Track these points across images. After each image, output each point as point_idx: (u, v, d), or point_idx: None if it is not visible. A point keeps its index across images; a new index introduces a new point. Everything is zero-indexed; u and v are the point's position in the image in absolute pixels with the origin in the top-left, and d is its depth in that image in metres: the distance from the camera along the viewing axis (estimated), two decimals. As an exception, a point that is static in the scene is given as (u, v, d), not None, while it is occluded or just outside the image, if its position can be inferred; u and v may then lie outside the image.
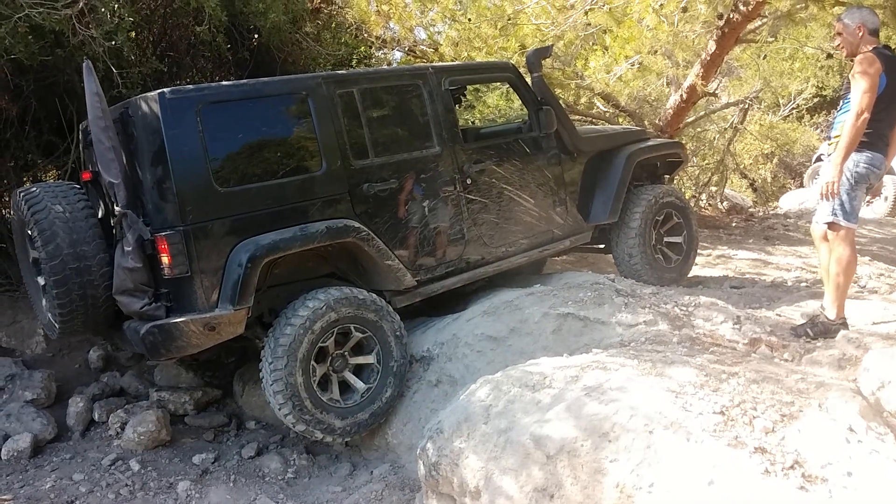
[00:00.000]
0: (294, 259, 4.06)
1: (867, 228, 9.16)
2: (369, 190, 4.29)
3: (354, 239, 4.13)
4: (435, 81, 4.72)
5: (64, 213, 3.84)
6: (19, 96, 5.53)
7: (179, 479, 4.12)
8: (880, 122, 3.87)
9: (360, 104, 4.35)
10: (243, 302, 3.74)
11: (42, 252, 3.81)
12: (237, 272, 3.73)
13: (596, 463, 2.58)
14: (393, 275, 4.33)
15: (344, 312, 3.99)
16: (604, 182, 5.46)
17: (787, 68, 13.99)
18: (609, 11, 8.28)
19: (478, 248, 4.81)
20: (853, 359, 3.36)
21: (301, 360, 3.84)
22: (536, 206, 5.13)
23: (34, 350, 5.52)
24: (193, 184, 3.75)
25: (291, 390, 3.82)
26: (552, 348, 3.97)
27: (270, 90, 4.17)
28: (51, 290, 3.86)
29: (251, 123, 4.02)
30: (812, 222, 4.15)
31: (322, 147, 4.15)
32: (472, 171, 4.77)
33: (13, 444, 4.35)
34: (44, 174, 6.95)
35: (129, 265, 3.74)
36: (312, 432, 3.94)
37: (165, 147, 3.70)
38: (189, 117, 3.76)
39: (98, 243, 3.89)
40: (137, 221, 3.75)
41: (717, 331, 4.06)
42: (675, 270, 5.70)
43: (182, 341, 3.71)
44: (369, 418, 4.10)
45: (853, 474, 2.25)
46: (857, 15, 3.97)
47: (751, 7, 8.07)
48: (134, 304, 3.79)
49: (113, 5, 4.80)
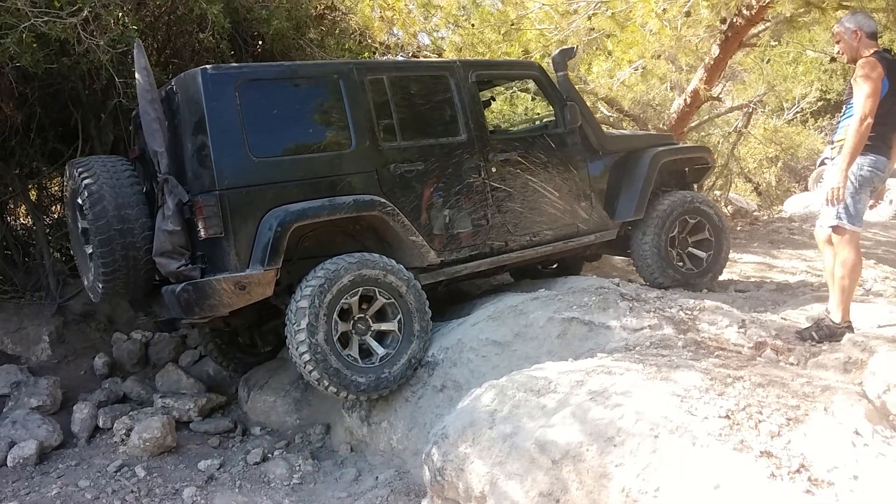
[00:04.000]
0: (322, 235, 4.31)
1: (872, 231, 9.14)
2: (396, 170, 4.49)
3: (380, 213, 4.32)
4: (462, 74, 4.91)
5: (111, 180, 4.13)
6: (24, 104, 5.56)
7: (185, 486, 4.12)
8: (884, 126, 3.87)
9: (390, 90, 4.59)
10: (273, 263, 3.96)
11: (90, 213, 4.07)
12: (268, 235, 3.97)
13: (601, 468, 2.58)
14: (417, 251, 4.49)
15: (363, 275, 4.14)
16: (629, 181, 5.54)
17: (790, 72, 13.97)
18: (612, 16, 8.29)
19: (502, 235, 4.94)
20: (859, 362, 3.34)
21: (322, 317, 4.00)
22: (561, 199, 5.24)
23: (39, 357, 5.54)
24: (230, 152, 4.02)
25: (313, 347, 3.96)
26: (557, 353, 3.97)
27: (304, 72, 4.52)
28: (96, 250, 4.12)
29: (286, 101, 4.29)
30: (816, 226, 4.14)
31: (352, 127, 4.40)
32: (497, 161, 4.92)
33: (19, 450, 4.37)
34: (49, 182, 6.99)
35: (168, 228, 4.01)
36: (332, 387, 4.05)
37: (206, 117, 4.00)
38: (228, 91, 4.06)
39: (141, 209, 4.15)
40: (178, 186, 4.03)
41: (722, 335, 4.05)
42: (701, 276, 5.69)
43: (214, 299, 3.93)
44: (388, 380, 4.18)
45: (859, 478, 2.24)
46: (852, 20, 3.98)
47: (754, 11, 8.08)
48: (171, 265, 4.03)
49: (117, 13, 4.83)
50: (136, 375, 5.59)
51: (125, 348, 5.79)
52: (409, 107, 4.76)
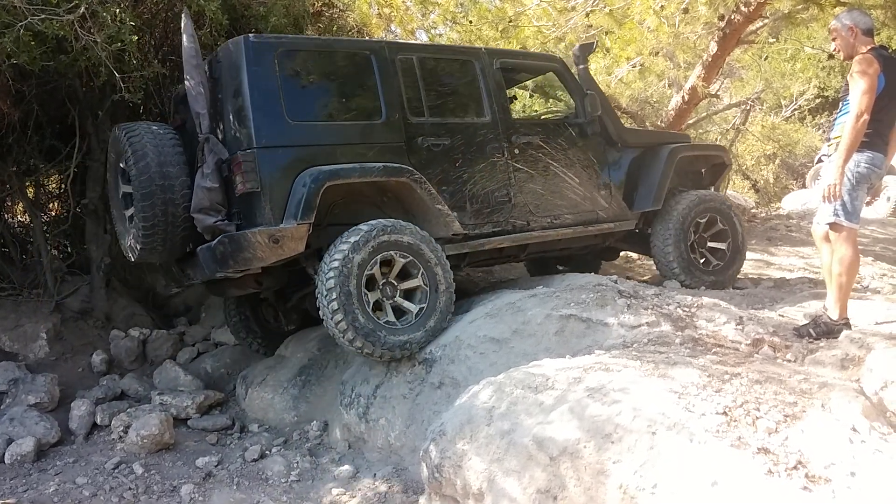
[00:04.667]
0: (351, 204, 4.53)
1: (870, 229, 9.15)
2: (423, 143, 4.73)
3: (408, 179, 4.52)
4: (487, 60, 5.20)
5: (154, 139, 4.42)
6: (22, 101, 5.55)
7: (183, 483, 4.12)
8: (880, 122, 3.87)
9: (418, 69, 4.86)
10: (305, 217, 4.15)
11: (133, 169, 4.31)
12: (302, 191, 4.17)
13: (599, 464, 2.58)
14: (443, 219, 4.66)
15: (391, 238, 4.31)
16: (648, 173, 5.77)
17: (788, 69, 13.98)
18: (610, 13, 8.30)
19: (524, 214, 5.13)
20: (856, 359, 3.35)
21: (354, 276, 4.13)
22: (581, 185, 5.44)
23: (37, 354, 5.54)
24: (268, 113, 4.26)
25: (347, 307, 4.09)
26: (555, 350, 3.97)
27: (339, 46, 4.92)
28: (138, 205, 4.34)
29: (321, 71, 4.62)
30: (814, 223, 4.15)
31: (382, 100, 4.65)
32: (520, 143, 5.15)
33: (16, 447, 4.36)
34: (46, 179, 6.98)
35: (207, 185, 4.24)
36: (371, 349, 4.17)
37: (246, 80, 4.25)
38: (268, 58, 4.33)
39: (181, 168, 4.40)
40: (218, 143, 4.29)
41: (719, 331, 4.05)
42: (718, 274, 5.80)
43: (249, 252, 4.10)
44: (412, 342, 4.30)
45: (856, 474, 2.25)
46: (849, 17, 4.00)
47: (752, 8, 8.08)
48: (208, 220, 4.25)
49: (114, 10, 4.81)
50: (133, 372, 5.59)
51: (123, 345, 5.79)
52: (437, 86, 5.02)
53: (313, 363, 5.12)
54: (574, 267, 6.50)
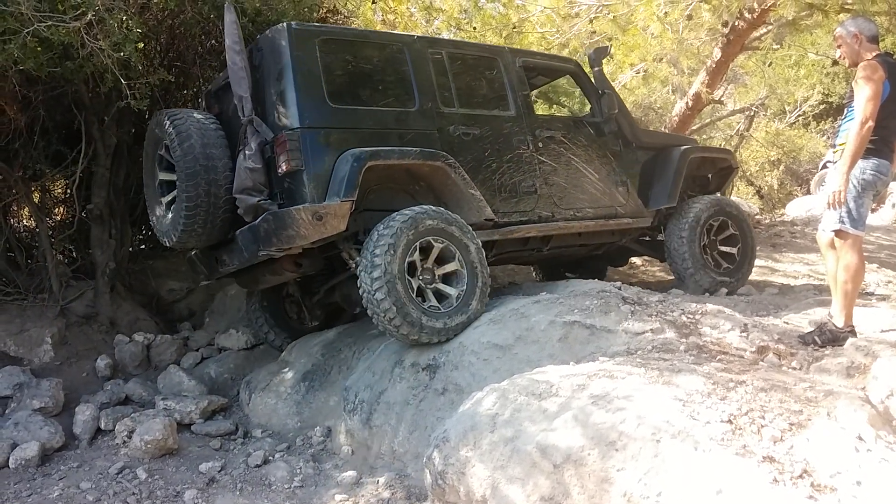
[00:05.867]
0: (385, 190, 4.66)
1: (875, 236, 9.12)
2: (454, 132, 4.94)
3: (443, 163, 4.69)
4: (510, 59, 5.49)
5: (198, 123, 4.60)
6: (28, 107, 5.57)
7: (186, 488, 4.12)
8: (885, 129, 3.86)
9: (448, 63, 5.11)
10: (348, 195, 4.26)
11: (178, 150, 4.46)
12: (345, 170, 4.30)
13: (603, 472, 2.57)
14: (476, 205, 4.81)
15: (432, 223, 4.42)
16: (662, 173, 6.00)
17: (792, 75, 13.97)
18: (614, 19, 8.31)
19: (548, 205, 5.34)
20: (862, 367, 3.34)
21: (398, 263, 4.21)
22: (600, 181, 5.68)
23: (42, 359, 5.54)
24: (310, 95, 4.44)
25: (393, 294, 4.15)
26: (558, 356, 3.96)
27: (375, 38, 5.15)
28: (181, 185, 4.48)
29: (359, 60, 4.80)
30: (819, 230, 4.14)
31: (416, 89, 4.89)
32: (543, 136, 5.40)
33: (21, 452, 4.36)
34: (52, 184, 7.01)
35: (249, 166, 4.37)
36: (417, 335, 4.24)
37: (290, 64, 4.44)
38: (310, 44, 4.54)
39: (223, 151, 4.56)
40: (262, 125, 4.42)
41: (724, 339, 4.04)
42: (730, 276, 5.97)
43: (293, 230, 4.19)
44: (452, 326, 4.36)
45: (862, 483, 2.24)
46: (853, 24, 4.01)
47: (756, 14, 8.09)
48: (251, 200, 4.36)
49: (121, 17, 4.83)
50: (138, 377, 5.60)
51: (127, 350, 5.80)
52: (465, 79, 5.27)
53: (317, 369, 5.12)
54: (582, 273, 6.60)
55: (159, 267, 7.22)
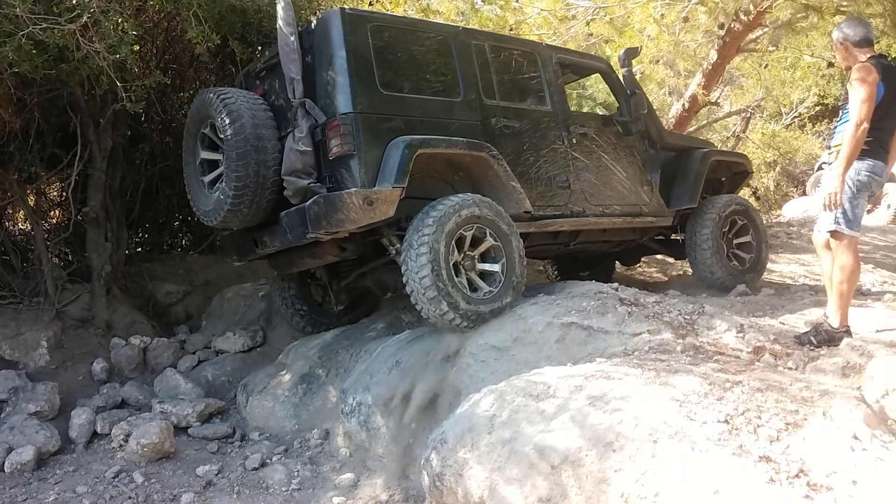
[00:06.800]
0: (426, 178, 4.66)
1: (870, 236, 9.14)
2: (496, 124, 5.01)
3: (488, 154, 4.74)
4: (546, 55, 5.57)
5: (248, 102, 4.58)
6: (23, 109, 5.56)
7: (183, 491, 4.11)
8: (880, 131, 3.88)
9: (490, 55, 5.16)
10: (399, 182, 4.29)
11: (229, 129, 4.45)
12: (396, 156, 4.34)
13: (600, 473, 2.58)
14: (516, 197, 4.86)
15: (477, 212, 4.46)
16: (683, 174, 6.14)
17: (788, 77, 14.01)
18: (610, 21, 8.33)
19: (580, 200, 5.43)
20: (857, 367, 3.34)
21: (442, 251, 4.25)
22: (627, 179, 5.78)
23: (38, 362, 5.52)
24: (363, 80, 4.46)
25: (438, 281, 4.19)
26: (556, 358, 3.96)
27: (422, 27, 5.15)
28: (231, 165, 4.46)
29: (408, 48, 4.83)
30: (814, 231, 4.15)
31: (460, 80, 4.94)
32: (577, 133, 5.49)
33: (16, 456, 4.34)
34: (47, 187, 6.99)
35: (300, 148, 4.37)
36: (459, 321, 4.27)
37: (344, 47, 4.46)
38: (362, 29, 4.57)
39: (273, 132, 4.56)
40: (315, 107, 4.44)
41: (720, 339, 4.05)
42: (746, 273, 6.12)
43: (342, 213, 4.21)
44: (489, 313, 4.39)
45: (858, 483, 2.24)
46: (838, 31, 4.06)
47: (752, 16, 8.11)
48: (301, 182, 4.37)
49: (116, 19, 4.83)
50: (134, 381, 5.58)
51: (123, 353, 5.78)
52: (506, 72, 5.29)
53: (314, 371, 5.11)
54: (593, 272, 6.83)
55: (156, 270, 7.20)
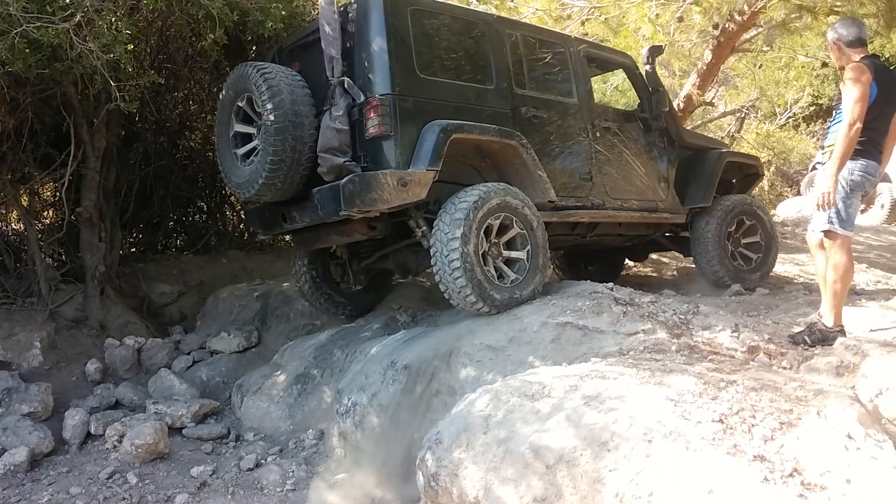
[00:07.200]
0: (455, 164, 4.69)
1: (864, 236, 9.17)
2: (526, 113, 5.07)
3: (517, 143, 4.82)
4: (574, 48, 5.63)
5: (287, 79, 4.61)
6: (16, 109, 5.53)
7: (177, 492, 4.10)
8: (873, 131, 3.90)
9: (522, 45, 5.22)
10: (434, 165, 4.38)
11: (269, 103, 4.46)
12: (432, 139, 4.42)
13: (595, 472, 2.58)
14: (542, 186, 4.93)
15: (505, 200, 4.54)
16: (698, 173, 6.20)
17: (782, 77, 14.06)
18: (605, 21, 8.34)
19: (601, 193, 5.50)
20: (851, 366, 3.35)
21: (472, 239, 4.33)
22: (646, 175, 5.86)
23: (31, 363, 5.49)
24: (402, 63, 4.51)
25: (468, 269, 4.27)
26: (551, 357, 3.96)
27: (460, 13, 5.19)
28: (268, 139, 4.49)
29: (445, 34, 4.89)
30: (808, 230, 4.16)
31: (493, 67, 4.99)
32: (601, 127, 5.57)
33: (10, 457, 4.32)
34: (40, 187, 6.96)
35: (336, 126, 4.43)
36: (487, 308, 4.37)
37: (385, 29, 4.49)
38: (403, 12, 4.59)
39: (310, 108, 4.59)
40: (354, 87, 4.47)
41: (715, 339, 4.05)
42: (750, 273, 6.16)
43: (376, 193, 4.28)
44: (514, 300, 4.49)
45: (852, 482, 2.25)
46: (832, 32, 4.10)
47: (746, 17, 8.13)
48: (336, 160, 4.42)
49: (110, 18, 4.81)
50: (128, 381, 5.56)
51: (118, 354, 5.76)
52: (536, 63, 5.37)
53: (309, 372, 5.10)
54: (600, 267, 7.12)
55: (150, 270, 7.17)
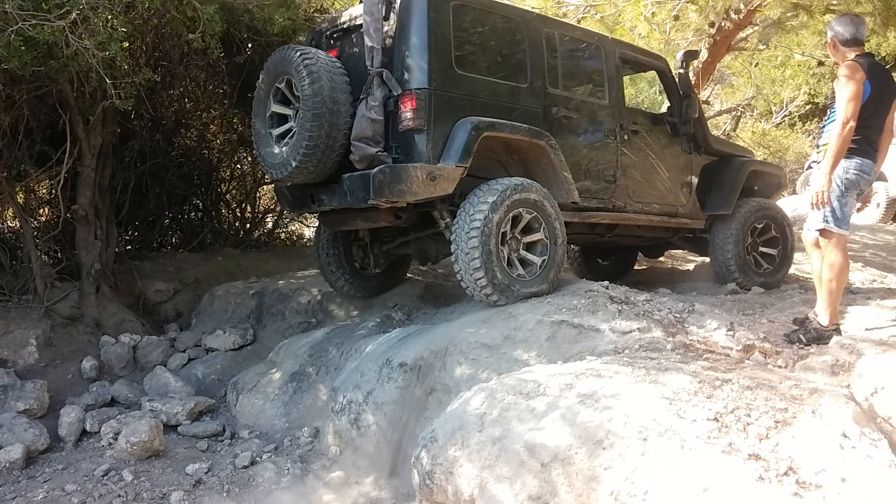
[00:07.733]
0: (482, 158, 4.69)
1: (859, 234, 9.19)
2: (557, 113, 5.09)
3: (546, 143, 4.86)
4: (610, 48, 5.61)
5: (327, 66, 4.64)
6: (12, 106, 5.52)
7: (172, 490, 4.09)
8: (868, 129, 3.90)
9: (558, 44, 5.22)
10: (463, 161, 4.45)
11: (308, 89, 4.52)
12: (463, 136, 4.47)
13: (590, 470, 2.58)
14: (566, 186, 4.97)
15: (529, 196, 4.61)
16: (722, 180, 6.18)
17: (778, 76, 14.08)
18: (601, 20, 8.34)
19: (623, 196, 5.53)
20: (846, 365, 3.36)
21: (493, 235, 4.39)
22: (669, 180, 5.88)
23: (27, 360, 5.48)
24: (440, 58, 4.55)
25: (488, 265, 4.36)
26: (546, 356, 3.97)
27: (500, 10, 5.07)
28: (305, 124, 4.55)
29: (484, 30, 4.89)
30: (804, 229, 4.17)
31: (528, 66, 5.00)
32: (629, 129, 5.56)
33: (5, 454, 4.31)
34: (36, 184, 6.94)
35: (372, 116, 4.48)
36: (505, 302, 4.45)
37: (427, 24, 4.52)
38: (445, 8, 4.62)
39: (348, 96, 4.63)
40: (392, 78, 4.51)
41: (710, 337, 4.06)
42: (767, 277, 6.16)
43: (405, 185, 4.36)
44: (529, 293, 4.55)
45: (847, 480, 2.25)
46: (830, 30, 4.10)
47: (742, 15, 8.14)
48: (369, 150, 4.48)
49: (105, 16, 4.79)
50: (124, 379, 5.56)
51: (113, 351, 5.75)
52: (570, 63, 5.42)
53: (304, 369, 5.10)
54: (614, 262, 7.24)
55: (145, 268, 7.16)
